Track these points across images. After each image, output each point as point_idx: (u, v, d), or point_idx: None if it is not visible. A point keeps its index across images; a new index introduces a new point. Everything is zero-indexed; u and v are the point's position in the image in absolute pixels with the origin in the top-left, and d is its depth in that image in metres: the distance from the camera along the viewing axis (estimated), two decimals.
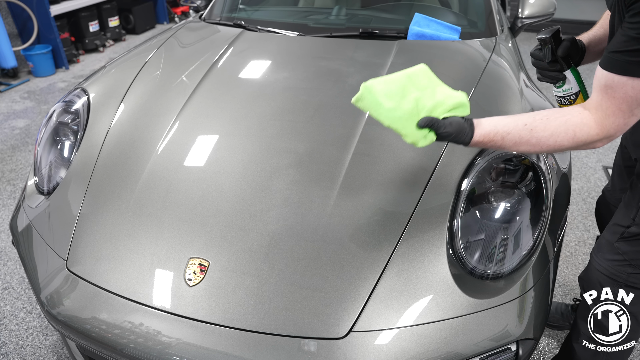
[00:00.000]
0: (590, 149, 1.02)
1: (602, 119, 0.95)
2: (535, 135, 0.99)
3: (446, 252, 1.14)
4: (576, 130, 0.97)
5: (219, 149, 1.41)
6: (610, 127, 0.95)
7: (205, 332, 1.05)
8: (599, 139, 0.97)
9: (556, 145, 0.99)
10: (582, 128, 0.97)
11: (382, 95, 1.11)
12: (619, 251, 1.21)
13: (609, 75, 0.92)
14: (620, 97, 0.91)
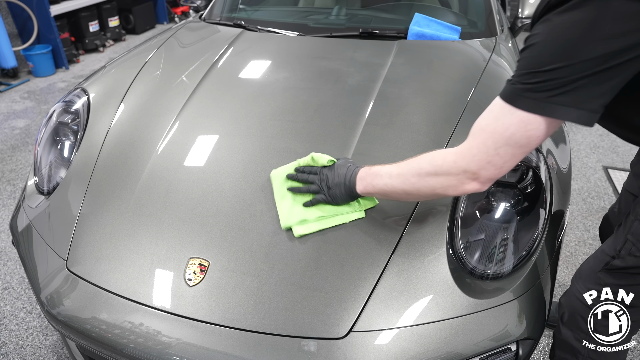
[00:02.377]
0: (459, 193, 0.94)
1: (464, 149, 0.89)
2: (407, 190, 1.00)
3: (446, 252, 1.14)
4: (439, 162, 0.93)
5: (219, 149, 1.41)
6: (470, 159, 0.87)
7: (205, 332, 1.05)
8: (460, 172, 0.89)
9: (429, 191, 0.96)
10: (445, 157, 0.92)
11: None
12: (600, 282, 1.15)
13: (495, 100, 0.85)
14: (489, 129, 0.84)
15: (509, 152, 0.83)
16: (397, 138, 1.40)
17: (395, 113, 1.49)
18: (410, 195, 1.02)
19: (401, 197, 1.05)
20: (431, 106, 1.51)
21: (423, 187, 0.97)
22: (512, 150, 0.83)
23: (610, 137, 3.32)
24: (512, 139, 0.81)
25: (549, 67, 0.74)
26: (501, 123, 0.82)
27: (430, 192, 0.98)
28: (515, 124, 0.80)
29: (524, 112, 0.78)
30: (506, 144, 0.82)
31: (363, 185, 1.08)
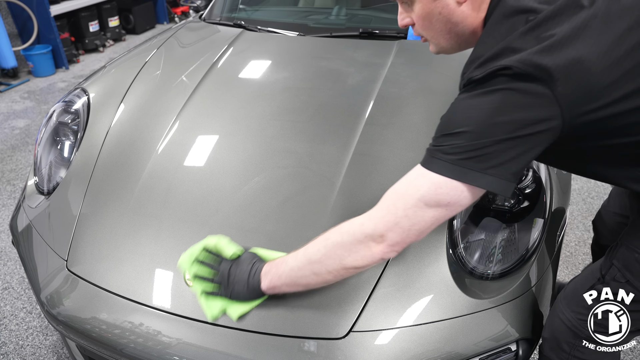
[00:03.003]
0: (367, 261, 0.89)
1: (372, 211, 0.87)
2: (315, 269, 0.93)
3: (446, 252, 1.14)
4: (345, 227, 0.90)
5: (219, 149, 1.41)
6: (377, 221, 0.85)
7: (205, 332, 1.05)
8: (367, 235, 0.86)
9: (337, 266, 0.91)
10: (353, 222, 0.89)
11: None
12: (585, 304, 1.10)
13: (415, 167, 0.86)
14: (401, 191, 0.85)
15: (417, 214, 0.82)
16: (397, 138, 1.40)
17: (395, 113, 1.49)
18: (319, 276, 0.94)
19: (310, 281, 0.95)
20: (431, 106, 1.51)
21: (330, 260, 0.91)
22: (421, 213, 0.82)
23: None
24: (422, 200, 0.81)
25: (457, 130, 0.78)
26: (413, 185, 0.83)
27: (338, 266, 0.90)
28: (426, 186, 0.81)
29: (435, 175, 0.79)
30: (415, 206, 0.82)
31: (268, 280, 0.99)
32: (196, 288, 1.06)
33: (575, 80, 0.72)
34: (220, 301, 1.04)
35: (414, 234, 0.84)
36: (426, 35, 0.94)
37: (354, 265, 0.90)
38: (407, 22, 0.94)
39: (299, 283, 0.97)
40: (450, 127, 0.80)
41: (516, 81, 0.74)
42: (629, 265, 0.99)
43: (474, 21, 0.87)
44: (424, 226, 0.84)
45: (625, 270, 1.00)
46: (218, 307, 1.04)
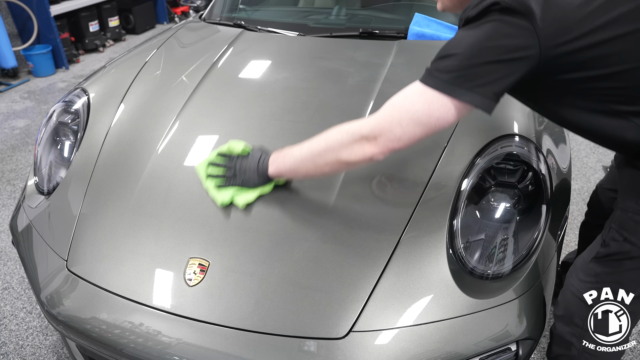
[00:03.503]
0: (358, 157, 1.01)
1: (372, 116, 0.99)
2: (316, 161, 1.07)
3: (446, 252, 1.14)
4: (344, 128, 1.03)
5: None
6: (374, 124, 0.97)
7: (205, 332, 1.05)
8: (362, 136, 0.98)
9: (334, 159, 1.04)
10: (352, 124, 1.02)
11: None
12: (592, 272, 1.17)
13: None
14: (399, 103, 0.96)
15: (409, 127, 0.93)
16: None
17: None
18: (318, 167, 1.08)
19: (309, 170, 1.10)
20: None
21: (329, 154, 1.04)
22: (412, 127, 0.93)
23: None
24: (415, 115, 0.92)
25: (451, 53, 0.90)
26: (409, 100, 0.94)
27: (334, 159, 1.04)
28: (420, 103, 0.91)
29: (430, 90, 0.90)
30: (409, 119, 0.93)
31: (274, 166, 1.16)
32: (209, 186, 1.23)
33: (551, 16, 0.83)
34: (230, 190, 1.22)
35: (402, 142, 0.96)
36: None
37: (347, 160, 1.03)
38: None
39: (300, 171, 1.13)
40: (445, 51, 0.92)
41: (503, 14, 0.85)
42: (624, 224, 1.08)
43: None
44: (412, 138, 0.95)
45: (622, 229, 1.08)
46: (228, 195, 1.20)
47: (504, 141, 1.32)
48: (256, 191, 1.21)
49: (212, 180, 1.24)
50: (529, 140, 1.34)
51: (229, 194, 1.20)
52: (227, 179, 1.22)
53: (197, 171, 1.28)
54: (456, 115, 0.91)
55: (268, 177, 1.18)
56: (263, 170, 1.18)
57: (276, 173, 1.17)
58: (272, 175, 1.17)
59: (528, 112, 1.48)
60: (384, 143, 0.96)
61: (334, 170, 1.09)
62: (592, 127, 1.00)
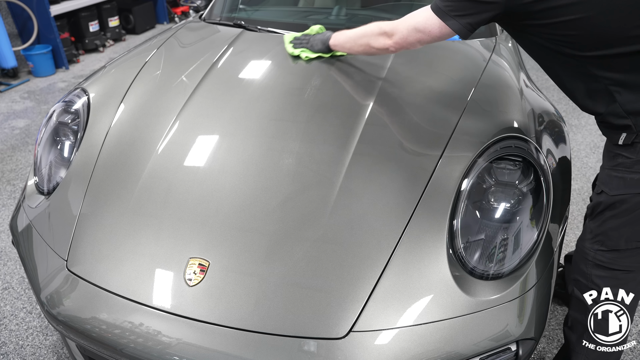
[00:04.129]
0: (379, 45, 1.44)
1: (393, 22, 1.38)
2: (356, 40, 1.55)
3: (446, 252, 1.14)
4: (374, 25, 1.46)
5: (219, 149, 1.41)
6: (393, 26, 1.37)
7: (205, 332, 1.05)
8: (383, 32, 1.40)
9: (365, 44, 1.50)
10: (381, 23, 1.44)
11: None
12: (588, 229, 1.32)
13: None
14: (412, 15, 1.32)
15: (413, 32, 1.32)
16: (397, 138, 1.40)
17: (395, 113, 1.49)
18: (357, 46, 1.55)
19: (352, 47, 1.58)
20: (431, 106, 1.51)
21: (363, 39, 1.50)
22: (415, 32, 1.32)
23: None
24: (417, 25, 1.30)
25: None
26: (418, 14, 1.31)
27: (365, 43, 1.50)
28: (423, 17, 1.28)
29: (430, 12, 1.25)
30: (414, 26, 1.31)
31: (334, 38, 1.66)
32: (288, 46, 1.79)
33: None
34: (300, 50, 1.75)
35: (407, 43, 1.37)
36: None
37: (373, 45, 1.47)
38: None
39: (346, 46, 1.62)
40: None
41: None
42: (602, 179, 1.29)
43: None
44: (413, 40, 1.34)
45: (600, 183, 1.28)
46: (298, 50, 1.75)
47: (504, 141, 1.32)
48: (317, 54, 1.72)
49: (292, 44, 1.77)
50: (529, 140, 1.34)
51: (299, 50, 1.74)
52: (302, 43, 1.75)
53: (284, 40, 1.81)
54: (442, 33, 1.26)
55: (328, 46, 1.67)
56: (325, 40, 1.67)
57: (333, 43, 1.65)
58: (331, 44, 1.66)
59: (528, 112, 1.48)
60: (395, 39, 1.37)
61: (366, 51, 1.55)
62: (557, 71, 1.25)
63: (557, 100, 3.90)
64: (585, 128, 3.47)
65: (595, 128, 3.44)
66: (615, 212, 1.23)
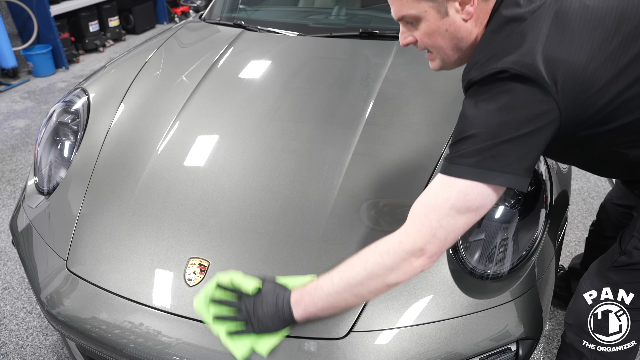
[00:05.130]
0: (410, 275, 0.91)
1: (407, 227, 0.89)
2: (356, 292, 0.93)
3: (446, 252, 1.14)
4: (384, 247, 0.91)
5: (219, 149, 1.41)
6: (414, 236, 0.87)
7: (205, 332, 1.05)
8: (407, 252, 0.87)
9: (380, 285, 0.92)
10: (390, 240, 0.91)
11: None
12: (609, 281, 1.18)
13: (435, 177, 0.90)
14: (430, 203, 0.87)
15: (451, 223, 0.85)
16: (397, 138, 1.40)
17: (395, 113, 1.49)
18: (360, 297, 0.95)
19: (350, 302, 0.96)
20: (431, 106, 1.51)
21: (372, 282, 0.91)
22: (454, 221, 0.85)
23: None
24: (453, 209, 0.84)
25: (468, 134, 0.84)
26: (441, 196, 0.85)
27: (381, 284, 0.92)
28: (454, 195, 0.84)
29: (460, 181, 0.83)
30: (448, 215, 0.85)
31: (302, 308, 0.96)
32: (218, 330, 1.00)
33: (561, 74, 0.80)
34: (247, 338, 1.00)
35: (449, 242, 0.88)
36: (431, 50, 0.98)
37: (396, 282, 0.92)
38: (410, 41, 0.97)
39: (337, 306, 0.97)
40: (461, 132, 0.85)
41: (513, 82, 0.80)
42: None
43: (476, 35, 0.91)
44: (458, 232, 0.87)
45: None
46: (247, 346, 0.99)
47: None
48: (278, 335, 1.00)
49: (222, 323, 1.01)
50: None
51: (248, 344, 0.99)
52: (240, 324, 1.00)
53: (198, 311, 1.03)
54: (495, 198, 0.86)
55: (292, 320, 0.98)
56: (285, 316, 0.97)
57: (305, 316, 0.97)
58: (299, 319, 0.97)
59: None
60: (432, 251, 0.87)
61: (380, 294, 0.97)
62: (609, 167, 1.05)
63: None
64: None
65: None
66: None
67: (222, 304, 1.02)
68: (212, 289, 1.03)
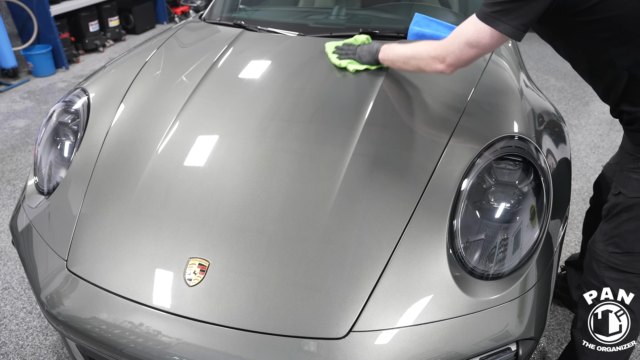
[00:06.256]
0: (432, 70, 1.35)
1: (444, 40, 1.28)
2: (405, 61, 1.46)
3: (446, 252, 1.14)
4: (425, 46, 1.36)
5: (219, 149, 1.41)
6: (443, 47, 1.28)
7: (205, 332, 1.05)
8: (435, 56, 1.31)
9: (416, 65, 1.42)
10: (431, 44, 1.34)
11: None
12: (602, 231, 1.31)
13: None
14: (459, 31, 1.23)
15: (465, 49, 1.22)
16: (397, 138, 1.40)
17: (395, 113, 1.49)
18: (406, 65, 1.47)
19: (401, 66, 1.51)
20: (431, 106, 1.51)
21: (413, 61, 1.42)
22: (468, 48, 1.22)
23: (610, 137, 3.32)
24: (469, 40, 1.20)
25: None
26: (465, 28, 1.22)
27: (415, 65, 1.42)
28: (472, 30, 1.19)
29: (479, 22, 1.17)
30: (465, 43, 1.22)
31: (382, 54, 1.57)
32: (333, 57, 1.71)
33: None
34: (347, 61, 1.66)
35: (462, 62, 1.26)
36: None
37: (424, 69, 1.39)
38: None
39: (395, 63, 1.54)
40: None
41: None
42: (619, 180, 1.26)
43: None
44: (469, 57, 1.24)
45: (618, 184, 1.27)
46: (345, 62, 1.66)
47: (504, 141, 1.32)
48: (364, 65, 1.63)
49: (337, 54, 1.70)
50: (529, 140, 1.34)
51: (346, 62, 1.66)
52: (347, 54, 1.67)
53: (326, 47, 1.76)
54: (496, 41, 1.17)
55: (377, 59, 1.59)
56: (374, 53, 1.59)
57: (382, 57, 1.57)
58: (380, 58, 1.57)
59: (528, 112, 1.48)
60: (448, 62, 1.28)
61: (417, 71, 1.46)
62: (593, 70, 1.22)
63: (557, 100, 3.90)
64: (585, 128, 3.47)
65: (596, 128, 3.45)
66: (632, 215, 1.22)
67: (341, 48, 1.71)
68: (340, 43, 1.74)
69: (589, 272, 1.35)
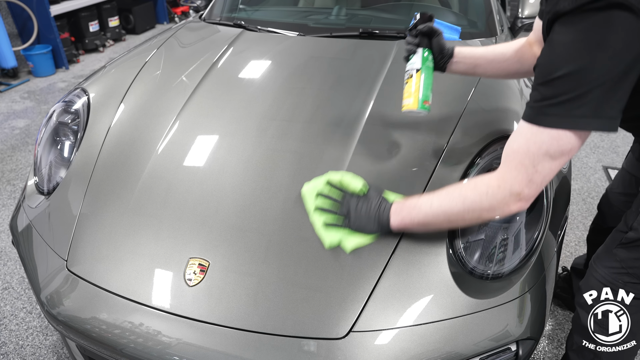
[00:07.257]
0: (506, 214, 0.97)
1: (504, 173, 0.93)
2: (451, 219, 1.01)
3: (446, 252, 1.14)
4: (483, 189, 0.95)
5: (219, 149, 1.41)
6: (512, 181, 0.90)
7: (205, 332, 1.05)
8: (505, 195, 0.92)
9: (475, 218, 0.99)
10: (489, 183, 0.95)
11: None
12: (617, 258, 1.19)
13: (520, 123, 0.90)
14: (523, 150, 0.88)
15: (546, 167, 0.88)
16: (397, 138, 1.40)
17: (395, 113, 1.49)
18: (453, 223, 1.05)
19: (442, 226, 1.07)
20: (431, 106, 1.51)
21: (468, 215, 0.98)
22: (549, 165, 0.88)
23: (610, 137, 3.32)
24: (548, 155, 0.86)
25: (559, 74, 0.77)
26: (533, 142, 0.86)
27: (476, 219, 1.00)
28: (547, 142, 0.84)
29: (552, 129, 0.83)
30: (543, 161, 0.87)
31: (399, 219, 1.05)
32: (316, 220, 1.14)
33: None
34: (339, 232, 1.11)
35: (544, 184, 0.92)
36: None
37: (490, 219, 1.03)
38: None
39: (430, 227, 1.06)
40: (550, 72, 0.79)
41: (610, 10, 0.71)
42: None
43: None
44: (552, 174, 0.91)
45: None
46: (336, 237, 1.11)
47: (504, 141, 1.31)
48: (366, 237, 1.10)
49: (321, 214, 1.14)
50: None
51: (338, 236, 1.11)
52: (338, 218, 1.12)
53: (303, 197, 1.19)
54: (584, 141, 0.87)
55: (388, 227, 1.07)
56: (383, 220, 1.07)
57: (401, 226, 1.06)
58: (395, 227, 1.06)
59: None
60: (528, 195, 0.92)
61: (472, 224, 1.10)
62: None
63: None
64: None
65: None
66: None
67: (326, 198, 1.15)
68: (322, 184, 1.17)
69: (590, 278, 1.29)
